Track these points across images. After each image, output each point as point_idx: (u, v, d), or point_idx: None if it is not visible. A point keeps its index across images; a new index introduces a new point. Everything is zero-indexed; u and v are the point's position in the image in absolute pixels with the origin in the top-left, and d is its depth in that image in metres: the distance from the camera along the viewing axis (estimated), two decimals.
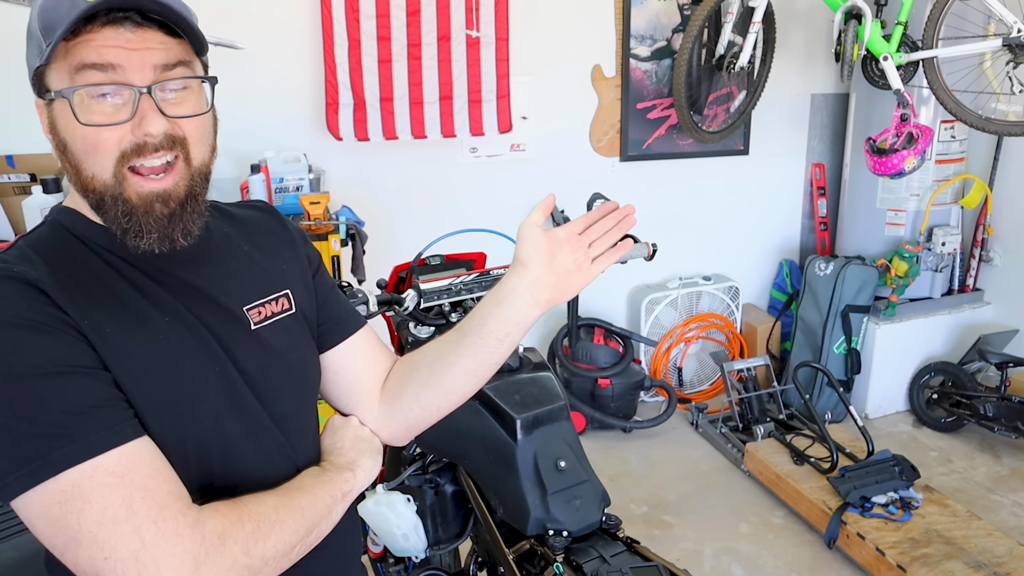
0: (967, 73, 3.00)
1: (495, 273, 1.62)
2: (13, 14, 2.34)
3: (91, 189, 0.82)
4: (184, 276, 0.89)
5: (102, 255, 0.85)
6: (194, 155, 0.84)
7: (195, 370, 0.85)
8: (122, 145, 0.80)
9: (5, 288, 0.77)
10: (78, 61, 0.78)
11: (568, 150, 3.29)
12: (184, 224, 0.84)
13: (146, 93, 0.79)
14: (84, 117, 0.78)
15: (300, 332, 1.00)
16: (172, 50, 0.81)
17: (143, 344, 0.81)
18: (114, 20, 0.77)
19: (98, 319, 0.79)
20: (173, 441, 0.81)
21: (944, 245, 3.33)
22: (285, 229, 1.06)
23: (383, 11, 2.74)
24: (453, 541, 1.63)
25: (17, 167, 2.44)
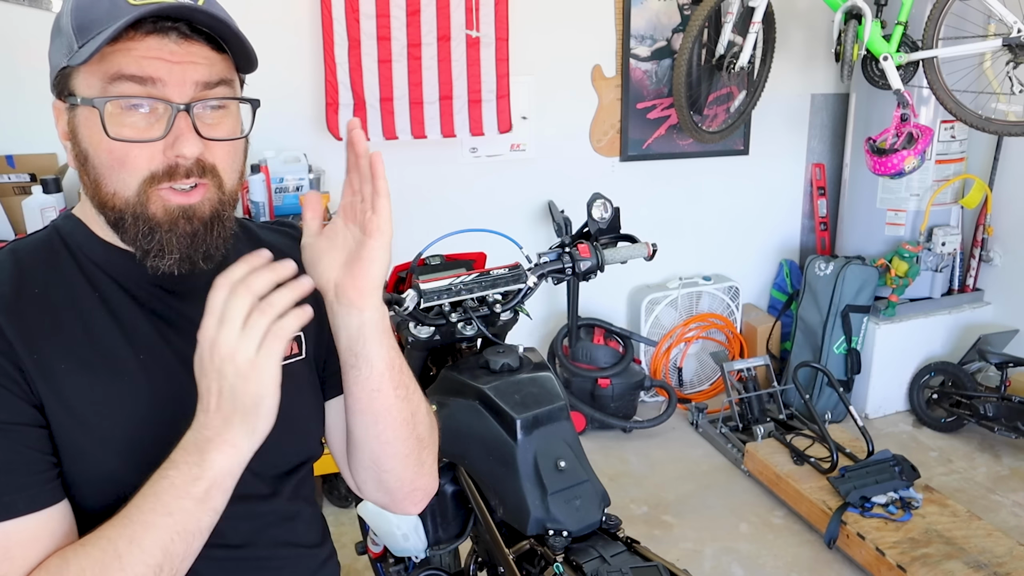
0: (967, 73, 3.00)
1: (495, 273, 1.62)
2: (13, 14, 2.35)
3: (110, 206, 0.76)
4: (182, 310, 0.82)
5: (93, 278, 0.80)
6: (225, 181, 0.79)
7: (161, 419, 0.77)
8: (152, 165, 0.74)
9: None
10: (115, 70, 0.71)
11: (568, 150, 3.29)
12: (207, 247, 0.78)
13: (184, 111, 0.73)
14: (114, 131, 0.72)
15: (306, 380, 0.94)
16: (216, 67, 0.75)
17: (102, 384, 0.76)
18: (160, 29, 0.71)
19: (52, 354, 0.74)
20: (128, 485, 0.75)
21: (944, 245, 3.33)
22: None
23: (383, 11, 2.74)
24: (453, 541, 1.63)
25: (17, 167, 2.44)
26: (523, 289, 1.62)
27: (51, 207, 2.24)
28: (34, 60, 2.46)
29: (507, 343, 1.64)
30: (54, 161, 2.50)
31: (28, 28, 2.42)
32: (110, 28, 0.69)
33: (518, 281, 1.61)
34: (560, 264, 1.70)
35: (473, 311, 1.58)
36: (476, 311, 1.58)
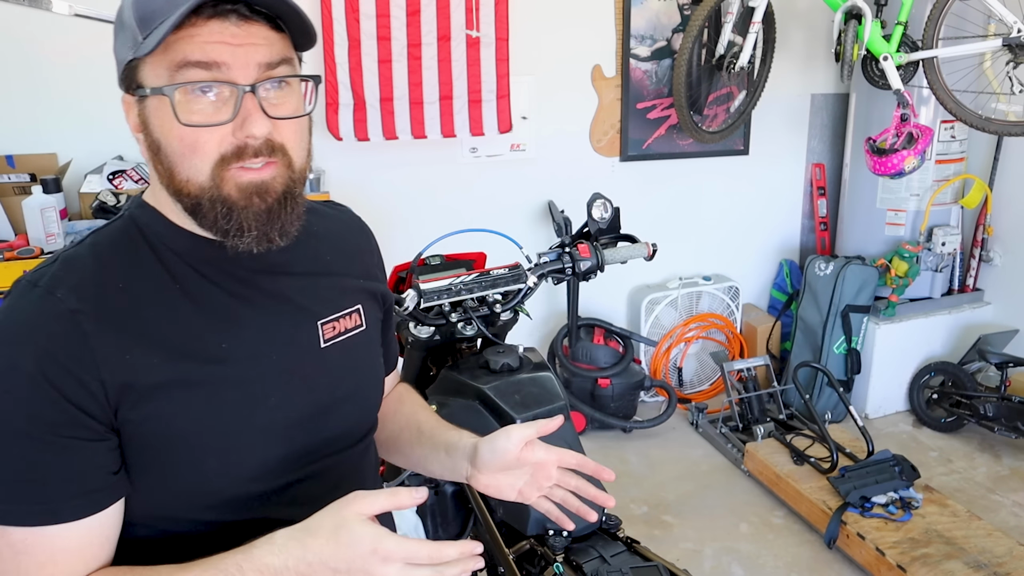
0: (967, 73, 3.00)
1: (495, 273, 1.62)
2: (13, 14, 2.35)
3: (186, 193, 0.77)
4: (263, 286, 0.86)
5: (172, 266, 0.81)
6: (294, 159, 0.81)
7: (241, 402, 0.82)
8: (222, 147, 0.76)
9: (41, 309, 0.74)
10: (180, 58, 0.73)
11: (568, 150, 3.29)
12: (282, 223, 0.80)
13: (250, 92, 0.74)
14: (184, 117, 0.74)
15: (370, 351, 0.98)
16: (276, 46, 0.76)
17: (192, 373, 0.79)
18: (220, 13, 0.72)
19: (143, 352, 0.76)
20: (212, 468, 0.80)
21: (944, 245, 3.33)
22: (371, 250, 1.05)
23: (383, 11, 2.74)
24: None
25: (17, 167, 2.44)
26: (523, 289, 1.63)
27: (51, 207, 2.24)
28: (34, 60, 2.46)
29: (507, 343, 1.65)
30: (54, 161, 2.50)
31: (28, 28, 2.42)
32: (172, 16, 0.70)
33: (518, 281, 1.61)
34: (560, 264, 1.70)
35: (473, 311, 1.58)
36: (476, 311, 1.58)
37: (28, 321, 0.74)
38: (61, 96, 2.52)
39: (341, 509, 0.73)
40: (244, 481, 0.83)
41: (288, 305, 0.87)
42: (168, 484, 0.80)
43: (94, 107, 2.56)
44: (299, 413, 0.87)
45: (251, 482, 0.84)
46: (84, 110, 2.54)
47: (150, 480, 0.80)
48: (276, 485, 0.85)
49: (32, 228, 2.22)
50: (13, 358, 0.72)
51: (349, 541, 0.71)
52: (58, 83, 2.50)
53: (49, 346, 0.73)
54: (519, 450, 0.89)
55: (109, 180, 2.44)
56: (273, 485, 0.85)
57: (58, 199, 2.30)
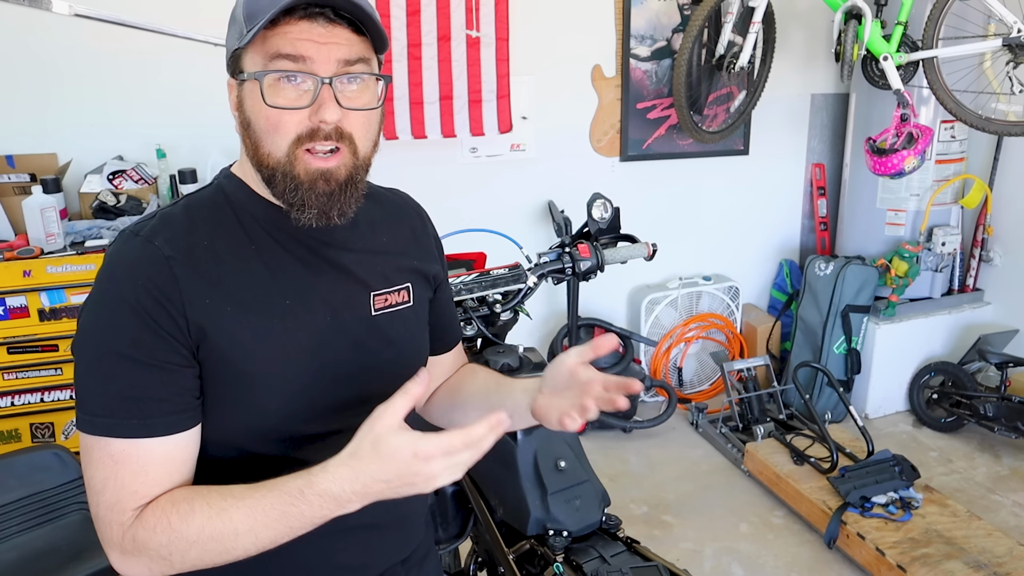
0: (967, 73, 3.00)
1: (495, 273, 1.62)
2: (13, 14, 2.35)
3: (265, 165, 0.90)
4: (327, 256, 0.97)
5: (250, 229, 0.93)
6: (360, 148, 0.92)
7: (299, 351, 0.92)
8: (299, 128, 0.87)
9: (142, 253, 0.87)
10: (274, 50, 0.85)
11: (568, 150, 3.29)
12: (341, 205, 0.91)
13: (327, 83, 0.86)
14: (271, 99, 0.86)
15: (416, 324, 1.08)
16: (355, 47, 0.88)
17: (259, 323, 0.90)
18: (310, 15, 0.84)
19: (220, 299, 0.88)
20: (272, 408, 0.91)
21: (944, 245, 3.33)
22: (426, 233, 1.17)
23: (383, 11, 2.74)
24: (453, 541, 1.63)
25: (17, 167, 2.44)
26: (523, 289, 1.63)
27: (51, 207, 2.24)
28: (34, 60, 2.46)
29: (507, 343, 1.65)
30: (54, 161, 2.50)
31: (28, 28, 2.42)
32: (269, 13, 0.83)
33: (518, 281, 1.62)
34: (560, 264, 1.70)
35: (473, 311, 1.58)
36: (476, 311, 1.58)
37: (131, 263, 0.87)
38: (61, 96, 2.52)
39: (372, 427, 0.81)
40: (298, 422, 0.94)
41: (347, 276, 0.99)
42: (235, 417, 0.91)
43: (94, 107, 2.56)
44: (347, 369, 0.97)
45: (304, 423, 0.94)
46: (84, 110, 2.55)
47: (221, 411, 0.91)
48: (325, 430, 0.95)
49: (32, 228, 2.22)
50: (119, 292, 0.85)
51: (389, 453, 0.80)
52: (58, 83, 2.50)
53: (148, 284, 0.85)
54: (576, 363, 0.96)
55: (109, 180, 2.45)
56: (322, 429, 0.95)
57: (58, 199, 2.30)
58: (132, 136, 2.61)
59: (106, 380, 0.85)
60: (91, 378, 0.86)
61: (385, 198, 1.14)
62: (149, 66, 2.58)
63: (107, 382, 0.85)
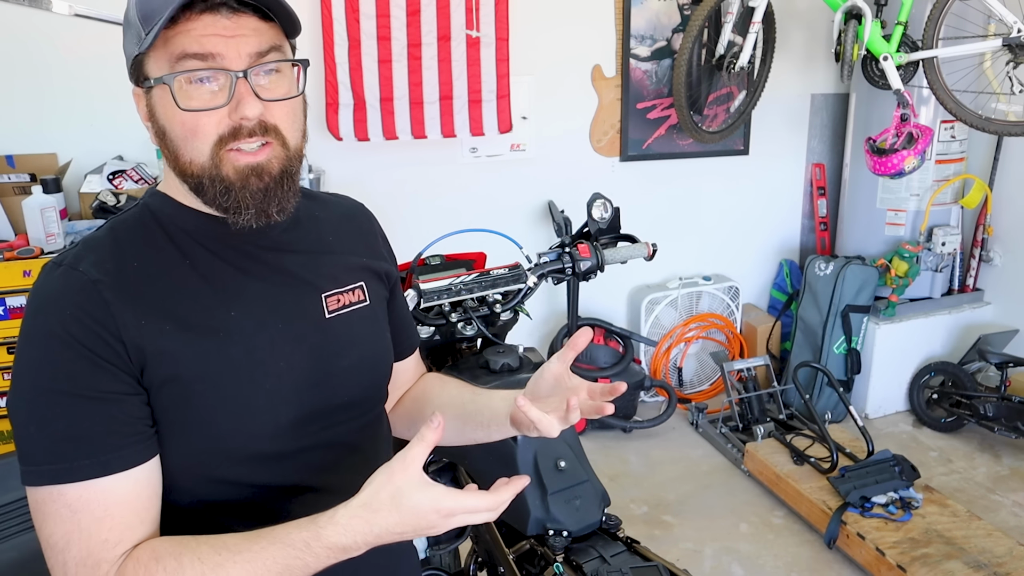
0: (967, 73, 3.00)
1: (495, 273, 1.62)
2: (13, 14, 2.35)
3: (189, 174, 0.84)
4: (269, 261, 0.92)
5: (182, 244, 0.88)
6: (288, 138, 0.86)
7: (252, 365, 0.87)
8: (219, 129, 0.82)
9: (66, 283, 0.82)
10: (179, 51, 0.79)
11: (568, 150, 3.29)
12: (279, 200, 0.86)
13: (242, 77, 0.81)
14: (184, 103, 0.80)
15: (376, 324, 1.04)
16: (265, 35, 0.83)
17: (202, 339, 0.85)
18: (211, 7, 0.79)
19: (156, 320, 0.82)
20: (225, 429, 0.86)
21: (944, 245, 3.33)
22: (374, 233, 1.12)
23: (383, 11, 2.74)
24: (453, 541, 1.64)
25: (17, 167, 2.44)
26: (523, 289, 1.63)
27: (51, 207, 2.24)
28: (34, 60, 2.46)
29: (507, 343, 1.64)
30: (54, 161, 2.50)
31: (28, 28, 2.42)
32: (166, 12, 0.77)
33: (518, 281, 1.61)
34: (560, 264, 1.70)
35: (473, 311, 1.58)
36: (476, 311, 1.58)
37: (55, 293, 0.81)
38: (61, 96, 2.52)
39: (392, 478, 0.78)
40: (262, 440, 0.88)
41: (293, 279, 0.93)
42: (190, 444, 0.85)
43: (94, 107, 2.56)
44: (306, 378, 0.92)
45: (268, 441, 0.89)
46: (84, 110, 2.55)
47: (175, 441, 0.85)
48: (291, 448, 0.91)
49: (32, 228, 2.22)
50: (47, 326, 0.79)
51: (411, 508, 0.77)
52: (58, 83, 2.50)
53: (76, 312, 0.79)
54: (559, 369, 0.95)
55: (109, 180, 2.44)
56: (288, 448, 0.90)
57: (58, 199, 2.30)
58: (132, 136, 2.61)
59: (46, 423, 0.78)
60: (31, 425, 0.78)
61: (329, 199, 1.10)
62: None
63: (47, 425, 0.78)
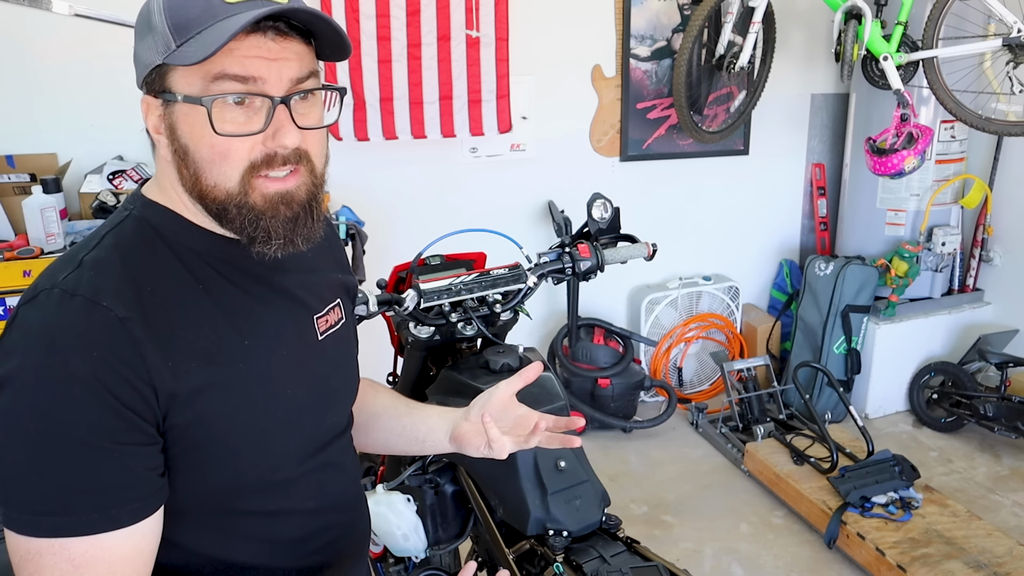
0: (967, 73, 3.00)
1: (495, 273, 1.62)
2: (13, 14, 2.35)
3: (212, 198, 0.79)
4: (272, 282, 0.88)
5: (191, 265, 0.82)
6: (316, 166, 0.83)
7: (266, 396, 0.85)
8: (252, 155, 0.77)
9: (90, 320, 0.74)
10: (218, 70, 0.74)
11: (568, 150, 3.29)
12: (306, 230, 0.83)
13: (282, 104, 0.76)
14: (219, 127, 0.75)
15: (352, 343, 1.05)
16: (305, 60, 0.78)
17: (223, 373, 0.81)
18: (260, 28, 0.74)
19: (181, 356, 0.78)
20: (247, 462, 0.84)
21: (944, 245, 3.33)
22: (337, 243, 1.09)
23: (383, 11, 2.74)
24: (453, 541, 1.63)
25: (17, 167, 2.44)
26: (523, 289, 1.62)
27: (51, 207, 2.24)
28: (34, 60, 2.46)
29: (507, 343, 1.64)
30: (54, 161, 2.50)
31: (28, 28, 2.42)
32: (216, 30, 0.72)
33: (518, 281, 1.61)
34: (560, 264, 1.70)
35: (473, 311, 1.58)
36: (476, 311, 1.58)
37: (78, 330, 0.73)
38: (61, 96, 2.52)
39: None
40: (270, 470, 0.87)
41: (292, 301, 0.91)
42: (208, 480, 0.83)
43: (94, 107, 2.56)
44: (308, 403, 0.91)
45: (275, 470, 0.88)
46: (84, 110, 2.55)
47: (191, 479, 0.82)
48: (294, 473, 0.90)
49: (32, 228, 2.22)
50: (68, 367, 0.71)
51: None
52: (58, 83, 2.50)
53: (105, 355, 0.72)
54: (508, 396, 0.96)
55: (109, 180, 2.44)
56: (292, 473, 0.90)
57: (58, 199, 2.30)
58: (132, 136, 2.60)
59: (56, 473, 0.71)
60: (33, 472, 0.72)
61: None
62: None
63: (58, 475, 0.71)
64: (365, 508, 1.10)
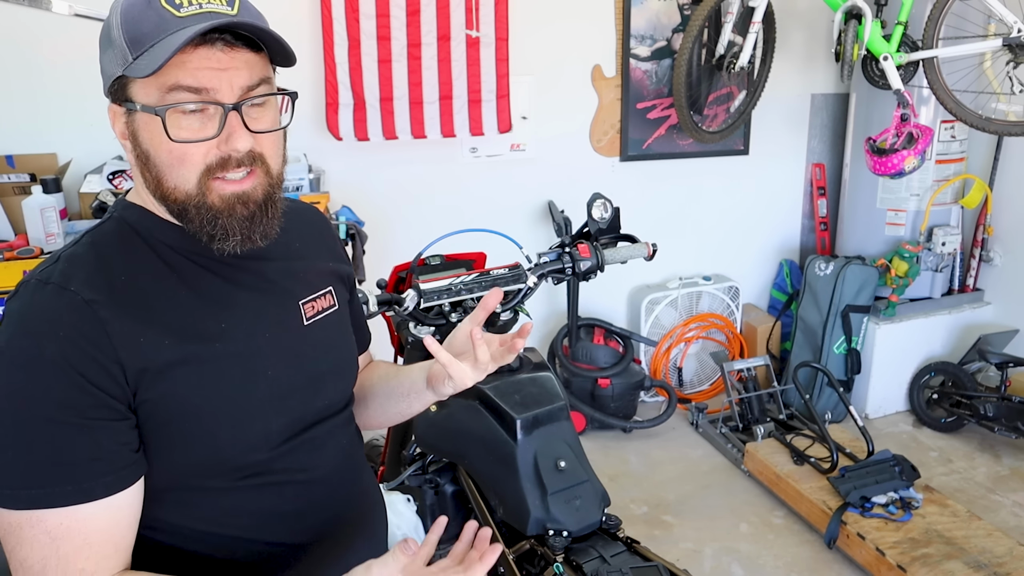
0: (967, 73, 3.00)
1: (495, 273, 1.62)
2: (13, 14, 2.35)
3: (173, 199, 0.84)
4: (251, 269, 0.93)
5: (167, 257, 0.88)
6: (272, 166, 0.88)
7: (244, 376, 0.89)
8: (207, 159, 0.83)
9: (58, 303, 0.79)
10: (172, 82, 0.79)
11: (568, 150, 3.29)
12: (264, 227, 0.88)
13: (233, 110, 0.82)
14: (174, 134, 0.80)
15: (345, 329, 1.08)
16: (255, 68, 0.83)
17: (200, 351, 0.85)
18: (208, 41, 0.79)
19: (155, 334, 0.82)
20: (224, 439, 0.87)
21: (944, 245, 3.33)
22: (332, 235, 1.14)
23: (383, 11, 2.74)
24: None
25: (17, 167, 2.44)
26: (523, 289, 1.62)
27: (51, 207, 2.24)
28: (34, 60, 2.46)
29: None
30: (54, 161, 2.50)
31: (28, 28, 2.42)
32: (165, 44, 0.76)
33: (518, 281, 1.61)
34: (560, 264, 1.70)
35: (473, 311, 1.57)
36: None
37: (48, 314, 0.79)
38: (61, 96, 2.52)
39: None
40: (250, 449, 0.90)
41: (273, 286, 0.95)
42: (186, 456, 0.86)
43: (94, 107, 2.54)
44: (291, 385, 0.94)
45: (256, 450, 0.91)
46: (84, 110, 2.54)
47: (170, 455, 0.85)
48: (277, 452, 0.93)
49: (32, 228, 2.22)
50: (38, 348, 0.77)
51: None
52: (58, 83, 2.50)
53: (71, 334, 0.78)
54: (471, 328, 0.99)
55: (109, 180, 2.44)
56: (274, 453, 0.92)
57: (58, 199, 2.29)
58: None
59: (30, 449, 0.76)
60: (8, 448, 0.77)
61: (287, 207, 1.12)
62: None
63: (31, 451, 0.76)
64: (373, 487, 1.12)
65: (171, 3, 0.79)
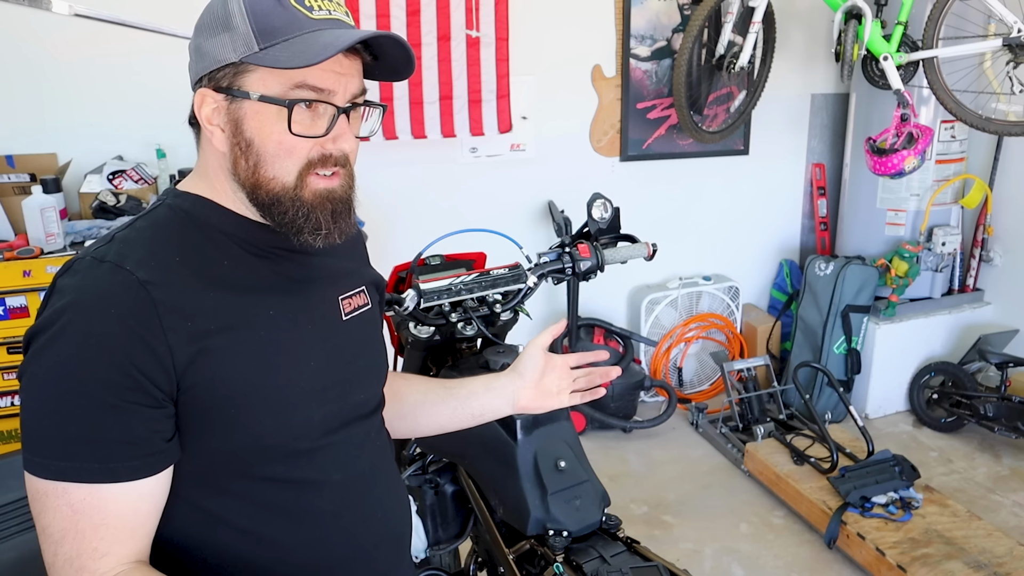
0: (967, 73, 3.00)
1: (495, 273, 1.62)
2: (13, 14, 2.35)
3: (266, 189, 0.87)
4: (295, 261, 0.95)
5: (220, 243, 0.90)
6: (352, 169, 0.94)
7: (289, 364, 0.90)
8: (311, 153, 0.87)
9: (113, 281, 0.80)
10: (300, 79, 0.83)
11: (568, 150, 3.29)
12: (343, 224, 0.92)
13: (343, 114, 0.87)
14: (294, 127, 0.84)
15: (378, 328, 1.11)
16: (361, 78, 0.90)
17: (244, 339, 0.86)
18: None
19: (203, 319, 0.83)
20: (268, 425, 0.88)
21: (944, 245, 3.33)
22: (362, 243, 1.18)
23: (383, 11, 2.74)
24: (453, 541, 1.63)
25: (17, 167, 2.44)
26: (523, 289, 1.62)
27: (51, 207, 2.24)
28: (34, 60, 2.46)
29: (507, 343, 1.64)
30: (54, 161, 2.50)
31: (28, 28, 2.42)
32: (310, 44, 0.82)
33: (518, 281, 1.61)
34: (560, 264, 1.70)
35: (473, 311, 1.58)
36: (476, 311, 1.58)
37: (102, 291, 0.80)
38: (61, 96, 2.52)
39: None
40: (292, 439, 0.91)
41: (318, 281, 0.98)
42: (229, 442, 0.87)
43: (94, 107, 2.56)
44: (332, 378, 0.96)
45: (297, 440, 0.92)
46: (84, 110, 2.55)
47: (211, 442, 0.86)
48: (316, 445, 0.94)
49: (32, 228, 2.22)
50: (88, 325, 0.78)
51: None
52: (58, 83, 2.50)
53: (123, 313, 0.79)
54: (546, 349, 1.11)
55: (109, 180, 2.44)
56: (314, 444, 0.93)
57: (58, 199, 2.30)
58: (132, 136, 2.61)
59: (63, 421, 0.78)
60: (47, 418, 0.79)
61: None
62: (149, 66, 2.58)
63: (65, 423, 0.78)
64: (403, 495, 1.13)
65: (301, 3, 0.83)
